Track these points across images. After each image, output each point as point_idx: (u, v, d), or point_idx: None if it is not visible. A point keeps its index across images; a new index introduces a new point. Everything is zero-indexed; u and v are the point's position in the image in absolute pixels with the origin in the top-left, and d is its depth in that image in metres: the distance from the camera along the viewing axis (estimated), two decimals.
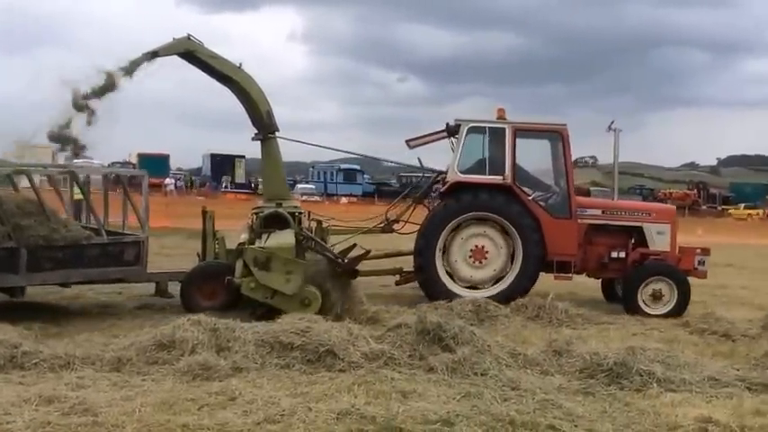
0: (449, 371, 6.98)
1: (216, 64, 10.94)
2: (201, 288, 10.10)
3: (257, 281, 9.30)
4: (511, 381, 6.75)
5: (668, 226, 12.03)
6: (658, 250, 11.76)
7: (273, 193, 11.49)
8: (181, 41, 10.70)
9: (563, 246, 11.45)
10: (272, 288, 9.27)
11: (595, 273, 12.11)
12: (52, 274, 9.35)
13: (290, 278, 9.25)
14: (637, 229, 11.97)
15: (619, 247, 11.79)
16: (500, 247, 11.44)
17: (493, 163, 11.64)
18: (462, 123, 11.78)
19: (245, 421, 5.45)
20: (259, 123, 11.37)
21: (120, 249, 10.00)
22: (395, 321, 8.16)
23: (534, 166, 12.31)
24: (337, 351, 7.15)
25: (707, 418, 5.75)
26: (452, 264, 11.47)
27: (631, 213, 12.18)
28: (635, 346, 7.67)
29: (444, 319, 7.90)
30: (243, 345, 7.28)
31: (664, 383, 6.88)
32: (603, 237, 11.91)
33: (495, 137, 11.71)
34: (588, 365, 7.19)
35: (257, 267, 9.29)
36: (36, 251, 9.05)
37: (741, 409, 6.28)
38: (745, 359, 8.06)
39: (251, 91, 11.15)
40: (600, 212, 12.05)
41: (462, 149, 11.67)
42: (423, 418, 5.58)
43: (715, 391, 6.84)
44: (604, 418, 5.92)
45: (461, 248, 11.46)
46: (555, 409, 5.98)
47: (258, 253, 9.41)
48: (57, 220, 9.52)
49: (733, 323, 9.96)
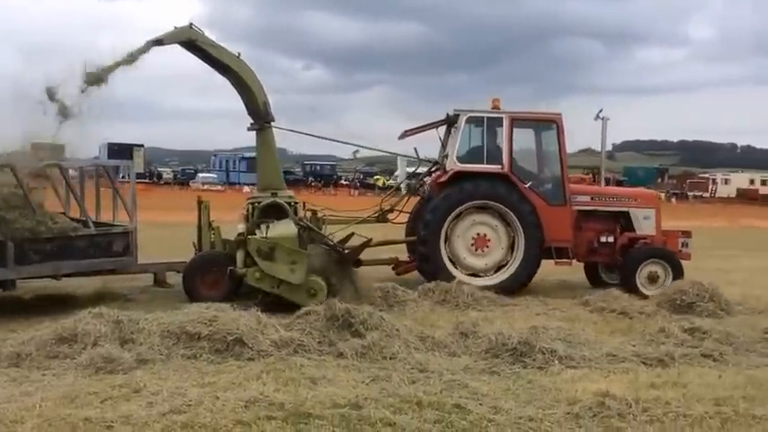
0: (358, 356, 7.05)
1: (216, 53, 11.00)
2: (204, 278, 10.20)
3: (262, 271, 9.37)
4: (419, 363, 6.89)
5: (653, 211, 12.57)
6: (645, 234, 12.27)
7: (267, 183, 11.55)
8: (184, 30, 10.75)
9: (559, 232, 11.82)
10: (278, 278, 9.33)
11: (585, 257, 12.45)
12: (42, 266, 9.38)
13: (295, 268, 9.33)
14: (624, 214, 12.45)
15: (607, 232, 12.26)
16: (501, 234, 11.72)
17: (491, 152, 11.90)
18: (461, 113, 11.99)
19: (150, 413, 5.34)
20: (256, 113, 11.44)
21: (108, 240, 10.07)
22: (303, 309, 8.15)
23: (530, 154, 12.55)
24: (246, 340, 7.09)
25: (604, 392, 5.98)
26: (455, 252, 11.65)
27: (618, 199, 12.71)
28: (538, 326, 7.94)
29: (353, 304, 7.94)
30: (147, 336, 7.13)
31: (565, 360, 7.14)
32: (593, 222, 12.34)
33: (492, 126, 11.99)
34: (493, 346, 7.39)
35: (261, 258, 9.37)
36: (23, 244, 9.09)
37: (637, 382, 6.58)
38: (641, 335, 8.41)
39: (249, 81, 11.21)
40: (589, 199, 12.47)
41: (461, 139, 11.89)
42: (331, 403, 5.61)
43: (613, 366, 7.16)
44: (508, 395, 6.10)
45: (463, 237, 11.68)
46: (461, 389, 6.13)
47: (261, 243, 9.45)
48: (43, 212, 9.63)
49: (630, 301, 10.39)
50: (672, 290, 10.53)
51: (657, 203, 12.98)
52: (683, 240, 12.45)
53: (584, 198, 12.39)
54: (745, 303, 10.88)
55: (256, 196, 11.39)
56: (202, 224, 11.05)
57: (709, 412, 5.70)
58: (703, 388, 6.43)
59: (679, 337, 8.10)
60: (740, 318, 9.78)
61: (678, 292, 10.31)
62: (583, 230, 12.23)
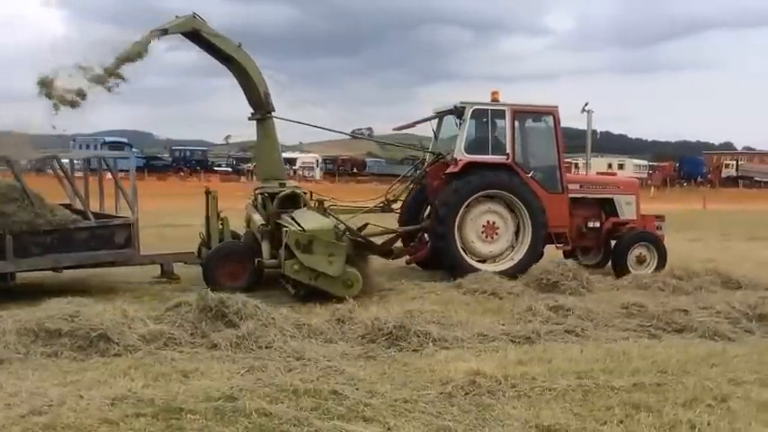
0: (232, 346, 6.91)
1: (218, 43, 11.11)
2: (224, 268, 10.28)
3: (301, 263, 9.42)
4: (295, 351, 6.84)
5: (634, 197, 13.38)
6: (627, 219, 13.08)
7: (269, 173, 11.81)
8: (188, 20, 10.87)
9: (558, 218, 12.34)
10: (317, 270, 9.41)
11: (575, 241, 12.95)
12: (41, 259, 9.48)
13: (333, 260, 9.49)
14: (609, 200, 13.17)
15: (594, 218, 12.98)
16: (507, 222, 12.09)
17: (495, 143, 12.21)
18: (467, 106, 12.17)
19: (8, 415, 5.02)
20: (257, 104, 11.59)
21: (109, 232, 10.09)
22: (173, 301, 7.88)
23: (530, 145, 12.87)
24: (111, 335, 6.79)
25: (476, 370, 6.17)
26: (466, 240, 11.88)
27: (604, 186, 13.43)
28: (413, 310, 8.08)
29: (227, 294, 7.76)
30: (2, 335, 6.69)
31: (439, 342, 7.32)
32: (581, 209, 12.93)
33: (496, 118, 12.30)
34: (369, 331, 7.46)
35: (300, 250, 9.43)
36: (22, 236, 9.20)
37: (506, 360, 6.82)
38: (510, 315, 8.75)
39: (250, 71, 11.35)
40: (579, 186, 13.07)
41: (467, 131, 12.14)
42: (205, 396, 5.46)
43: (484, 345, 7.41)
44: (384, 379, 6.18)
45: (473, 225, 11.95)
46: (338, 375, 6.14)
47: (300, 236, 9.51)
48: (41, 205, 9.61)
49: (501, 283, 10.71)
50: (538, 270, 11.01)
51: (638, 190, 13.80)
52: (657, 224, 13.43)
53: (574, 186, 13.01)
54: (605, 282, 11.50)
55: (264, 186, 11.59)
56: (210, 215, 11.17)
57: (572, 385, 6.00)
58: (567, 362, 6.75)
59: (545, 314, 8.48)
60: (600, 294, 10.33)
61: (544, 273, 10.80)
62: (573, 216, 12.84)
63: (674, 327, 8.31)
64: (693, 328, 8.22)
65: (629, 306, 8.90)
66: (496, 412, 5.39)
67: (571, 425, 5.07)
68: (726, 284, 11.06)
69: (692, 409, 5.50)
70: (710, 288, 10.77)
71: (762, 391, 6.00)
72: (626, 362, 6.82)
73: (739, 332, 8.26)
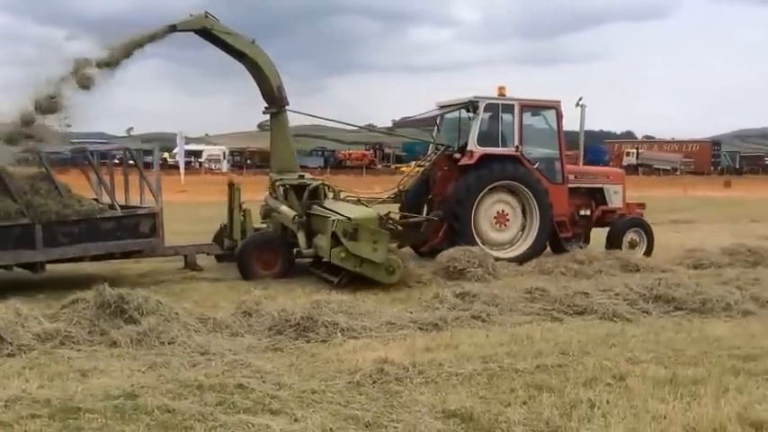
0: (133, 343, 6.67)
1: (231, 40, 11.32)
2: (259, 257, 10.86)
3: (347, 250, 9.85)
4: (200, 346, 6.67)
5: (621, 186, 14.36)
6: (615, 207, 14.05)
7: (283, 165, 12.21)
8: (199, 18, 11.00)
9: (560, 207, 13.21)
10: (361, 257, 9.84)
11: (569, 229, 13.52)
12: (70, 248, 9.69)
13: (377, 247, 9.94)
14: (599, 189, 14.10)
15: (585, 206, 13.93)
16: (516, 210, 12.87)
17: (504, 136, 12.94)
18: (480, 100, 12.78)
19: None
20: (270, 97, 11.92)
21: (135, 222, 10.32)
22: (69, 298, 7.55)
23: (535, 137, 13.50)
24: (4, 334, 6.46)
25: (384, 358, 6.18)
26: (479, 228, 12.57)
27: (595, 177, 14.44)
28: (321, 300, 8.00)
29: (126, 290, 7.49)
30: None
31: (347, 332, 7.30)
32: (575, 198, 13.78)
33: (506, 112, 12.95)
34: (277, 323, 7.37)
35: (347, 238, 9.86)
36: (51, 226, 9.43)
37: (413, 347, 6.88)
38: (418, 302, 8.83)
39: (263, 66, 11.63)
40: (573, 177, 13.82)
41: (479, 124, 12.72)
42: (104, 395, 5.26)
43: (392, 334, 7.44)
44: (291, 370, 6.11)
45: (486, 214, 12.66)
46: (244, 369, 6.03)
47: (346, 224, 9.95)
48: (69, 195, 9.82)
49: (408, 271, 10.78)
50: (445, 258, 11.14)
51: (624, 180, 14.73)
52: (639, 211, 14.44)
53: (570, 177, 13.70)
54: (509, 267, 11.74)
55: (283, 178, 11.92)
56: (233, 206, 11.63)
57: (478, 369, 6.11)
58: (473, 347, 6.87)
59: (451, 301, 8.59)
60: (505, 280, 10.56)
61: (451, 260, 10.94)
62: (569, 206, 13.58)
63: (575, 309, 8.57)
64: (594, 310, 8.49)
65: (533, 291, 9.13)
66: (404, 399, 5.42)
67: (476, 408, 5.15)
68: (625, 268, 11.51)
69: (592, 388, 5.68)
70: (610, 272, 11.19)
71: (657, 369, 6.25)
72: (529, 345, 7.01)
73: (637, 313, 8.57)
